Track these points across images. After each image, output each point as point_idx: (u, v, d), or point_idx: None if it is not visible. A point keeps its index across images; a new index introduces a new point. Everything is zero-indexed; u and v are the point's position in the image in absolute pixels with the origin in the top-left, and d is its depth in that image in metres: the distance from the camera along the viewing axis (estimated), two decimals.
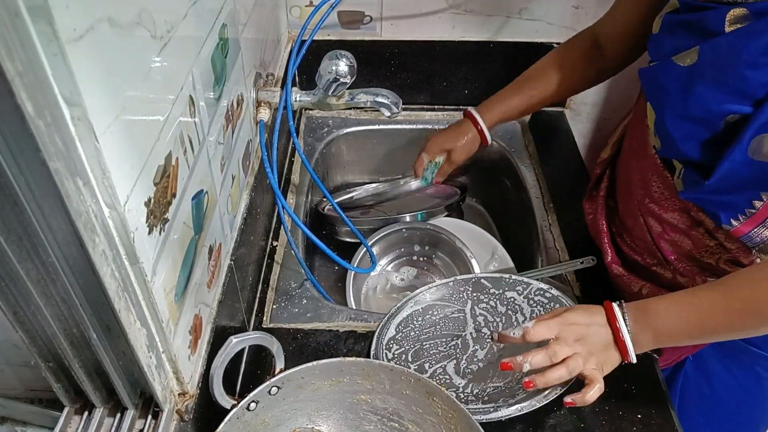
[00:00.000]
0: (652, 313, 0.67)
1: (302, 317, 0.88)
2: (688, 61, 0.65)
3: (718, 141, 0.65)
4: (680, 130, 0.68)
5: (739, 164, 0.63)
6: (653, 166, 0.77)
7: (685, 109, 0.67)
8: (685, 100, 0.66)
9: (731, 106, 0.63)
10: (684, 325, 0.65)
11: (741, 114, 0.62)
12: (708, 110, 0.65)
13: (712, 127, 0.65)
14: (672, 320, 0.66)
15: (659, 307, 0.67)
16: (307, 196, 1.12)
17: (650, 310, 0.67)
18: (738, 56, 0.60)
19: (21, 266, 0.42)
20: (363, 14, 1.17)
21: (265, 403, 0.65)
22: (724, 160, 0.64)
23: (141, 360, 0.50)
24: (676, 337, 0.67)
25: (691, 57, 0.65)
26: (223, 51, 0.68)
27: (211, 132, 0.65)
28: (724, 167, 0.64)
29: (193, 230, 0.59)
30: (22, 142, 0.34)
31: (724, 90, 0.63)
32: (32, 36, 0.31)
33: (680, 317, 0.65)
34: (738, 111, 0.62)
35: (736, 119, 0.63)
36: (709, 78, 0.64)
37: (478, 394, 0.74)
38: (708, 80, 0.64)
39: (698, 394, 0.86)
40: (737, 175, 0.64)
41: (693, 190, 0.69)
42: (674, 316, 0.66)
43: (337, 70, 0.86)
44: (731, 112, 0.63)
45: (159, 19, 0.48)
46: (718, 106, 0.63)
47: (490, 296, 0.86)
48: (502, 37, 1.20)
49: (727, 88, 0.62)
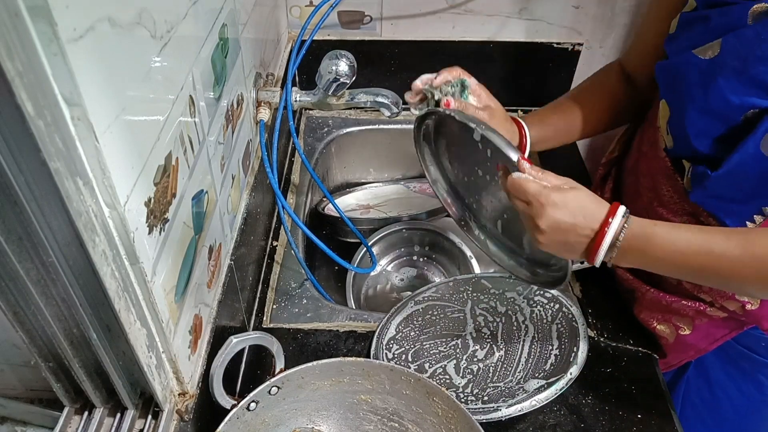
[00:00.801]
0: (651, 243, 0.61)
1: (302, 317, 0.88)
2: (710, 53, 0.64)
3: (733, 136, 0.64)
4: (697, 125, 0.67)
5: (750, 157, 0.62)
6: (663, 169, 0.76)
7: (705, 103, 0.65)
8: (705, 94, 0.65)
9: (752, 100, 0.61)
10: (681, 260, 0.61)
11: (761, 108, 0.61)
12: (727, 103, 0.63)
13: (729, 122, 0.64)
14: (670, 256, 0.61)
15: (663, 238, 0.61)
16: (307, 196, 1.12)
17: (654, 237, 0.61)
18: (762, 46, 0.59)
19: (21, 266, 0.42)
20: (363, 14, 1.17)
21: (265, 403, 0.65)
22: (736, 152, 0.62)
23: (141, 360, 0.50)
24: (662, 269, 0.63)
25: (713, 49, 0.64)
26: (223, 51, 0.68)
27: (211, 132, 0.65)
28: (734, 159, 0.63)
29: (193, 230, 0.59)
30: (22, 142, 0.34)
31: (746, 83, 0.61)
32: (32, 36, 0.31)
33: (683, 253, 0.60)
34: (759, 105, 0.61)
35: (755, 114, 0.62)
36: (730, 70, 0.62)
37: (478, 394, 0.74)
38: (729, 72, 0.62)
39: (700, 401, 0.86)
40: (745, 172, 0.63)
41: (701, 186, 0.68)
42: (677, 253, 0.60)
43: (337, 70, 0.86)
44: (752, 106, 0.61)
45: (159, 19, 0.48)
46: (738, 100, 0.62)
47: (490, 296, 0.86)
48: (502, 37, 1.20)
49: (749, 80, 0.61)
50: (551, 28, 1.18)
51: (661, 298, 0.79)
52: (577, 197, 0.62)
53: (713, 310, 0.76)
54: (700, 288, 0.75)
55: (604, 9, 1.15)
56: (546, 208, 0.61)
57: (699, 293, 0.76)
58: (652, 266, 0.64)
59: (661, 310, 0.81)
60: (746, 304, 0.72)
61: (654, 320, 0.83)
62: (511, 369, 0.77)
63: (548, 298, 0.82)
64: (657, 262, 0.62)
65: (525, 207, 0.63)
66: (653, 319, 0.83)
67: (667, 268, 0.63)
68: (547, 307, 0.82)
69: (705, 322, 0.77)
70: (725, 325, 0.77)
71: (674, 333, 0.81)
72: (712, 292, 0.74)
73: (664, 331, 0.82)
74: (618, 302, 0.89)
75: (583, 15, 1.16)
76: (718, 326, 0.77)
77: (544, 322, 0.80)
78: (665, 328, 0.82)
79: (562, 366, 0.73)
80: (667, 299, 0.79)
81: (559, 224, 0.61)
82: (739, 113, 0.63)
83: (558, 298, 0.81)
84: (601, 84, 0.89)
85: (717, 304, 0.75)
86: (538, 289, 0.84)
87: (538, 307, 0.82)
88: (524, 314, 0.82)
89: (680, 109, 0.69)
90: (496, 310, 0.84)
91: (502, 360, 0.78)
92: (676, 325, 0.80)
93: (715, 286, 0.71)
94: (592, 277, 0.93)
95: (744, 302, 0.72)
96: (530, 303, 0.83)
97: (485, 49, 1.21)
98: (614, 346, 0.84)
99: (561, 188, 0.62)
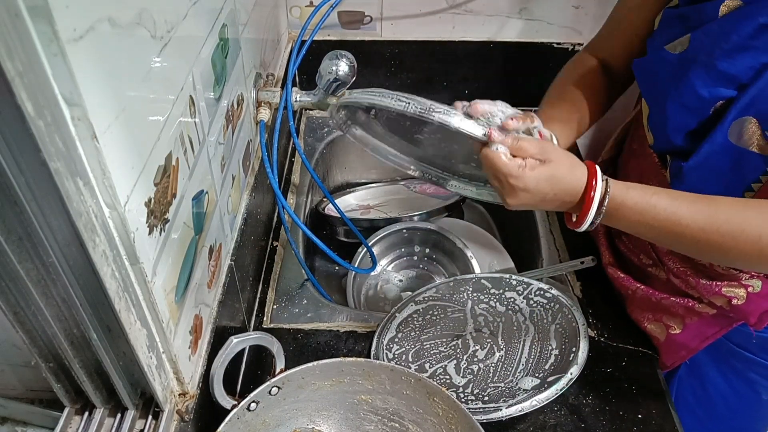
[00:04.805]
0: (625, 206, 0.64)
1: (302, 317, 0.88)
2: (680, 48, 0.65)
3: (704, 129, 0.65)
4: (673, 120, 0.68)
5: (719, 147, 0.63)
6: (651, 165, 0.77)
7: (678, 98, 0.66)
8: (677, 89, 0.66)
9: (719, 91, 0.62)
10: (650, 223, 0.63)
11: (727, 98, 0.62)
12: (698, 97, 0.64)
13: (701, 115, 0.65)
14: (641, 217, 0.63)
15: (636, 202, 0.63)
16: (307, 196, 1.12)
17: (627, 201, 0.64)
18: (728, 39, 0.60)
19: (21, 266, 0.42)
20: (363, 14, 1.17)
21: (265, 403, 0.65)
22: (705, 142, 0.64)
23: (141, 360, 0.50)
24: (636, 231, 0.66)
25: (682, 44, 0.65)
26: (224, 51, 0.68)
27: (211, 132, 0.65)
28: (704, 149, 0.64)
29: (193, 230, 0.59)
30: (22, 142, 0.34)
31: (713, 75, 0.62)
32: (32, 36, 0.31)
33: (653, 215, 0.63)
34: (725, 95, 0.62)
35: (723, 105, 0.63)
36: (699, 64, 0.63)
37: (478, 394, 0.74)
38: (698, 66, 0.64)
39: (693, 399, 0.86)
40: (717, 162, 0.64)
41: (678, 179, 0.69)
42: (647, 214, 0.63)
43: (337, 70, 0.86)
44: (719, 98, 0.63)
45: (159, 19, 0.48)
46: (708, 93, 0.63)
47: (490, 296, 0.86)
48: (502, 37, 1.20)
49: (716, 73, 0.62)
50: (551, 28, 1.18)
51: (651, 296, 0.80)
52: (551, 173, 0.64)
53: (702, 306, 0.76)
54: (688, 284, 0.76)
55: (604, 9, 1.15)
56: (517, 191, 0.64)
57: (687, 289, 0.76)
58: (626, 228, 0.67)
59: (652, 308, 0.82)
60: (732, 299, 0.72)
61: (645, 320, 0.83)
62: (511, 369, 0.77)
63: (548, 298, 0.82)
64: (630, 225, 0.66)
65: (496, 181, 0.65)
66: (644, 318, 0.83)
67: (640, 231, 0.66)
68: (547, 307, 0.82)
69: (695, 320, 0.78)
70: (715, 323, 0.77)
71: (665, 332, 0.81)
72: (698, 287, 0.74)
73: (655, 331, 0.82)
74: (618, 302, 0.89)
75: (583, 15, 1.16)
76: (709, 324, 0.77)
77: (544, 322, 0.80)
78: (656, 328, 0.82)
79: (562, 366, 0.73)
80: (656, 296, 0.79)
81: (527, 203, 0.65)
82: (709, 106, 0.64)
83: (558, 298, 0.81)
84: (582, 82, 0.85)
85: (705, 300, 0.75)
86: (539, 289, 0.84)
87: (538, 307, 0.82)
88: (524, 314, 0.82)
89: (657, 105, 0.70)
90: (496, 310, 0.84)
91: (502, 360, 0.78)
92: (667, 324, 0.80)
93: (685, 253, 0.72)
94: (592, 277, 0.93)
95: (730, 297, 0.72)
96: (530, 303, 0.83)
97: (485, 49, 1.21)
98: (614, 346, 0.84)
99: (533, 167, 0.63)
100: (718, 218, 0.61)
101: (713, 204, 0.62)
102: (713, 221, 0.61)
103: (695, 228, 0.62)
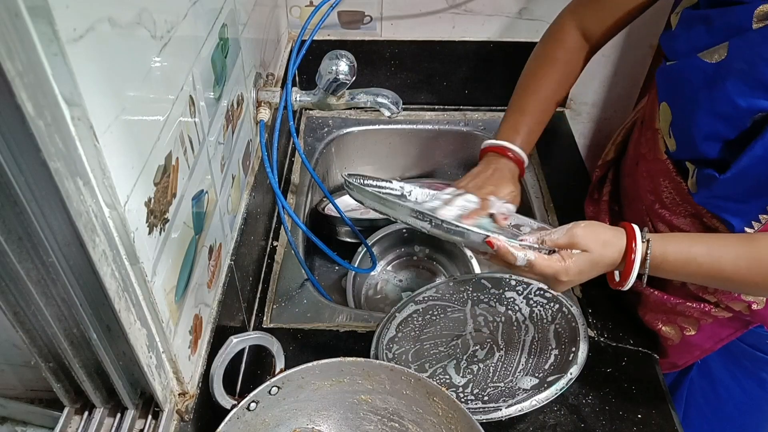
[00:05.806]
0: (666, 262, 0.65)
1: (302, 317, 0.88)
2: (717, 57, 0.64)
3: (741, 139, 0.64)
4: (703, 129, 0.67)
5: (758, 159, 0.62)
6: (664, 171, 0.76)
7: (711, 107, 0.65)
8: (711, 98, 0.65)
9: (759, 102, 0.61)
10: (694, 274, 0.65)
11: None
12: (735, 107, 0.63)
13: (737, 125, 0.64)
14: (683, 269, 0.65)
15: (676, 258, 0.65)
16: (307, 196, 1.12)
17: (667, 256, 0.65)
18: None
19: (21, 266, 0.42)
20: (363, 14, 1.17)
21: (265, 403, 0.65)
22: (744, 154, 0.63)
23: (141, 360, 0.50)
24: (680, 279, 0.69)
25: (719, 53, 0.63)
26: (223, 51, 0.68)
27: (211, 132, 0.65)
28: (743, 161, 0.63)
29: (193, 230, 0.59)
30: (22, 142, 0.34)
31: (753, 85, 0.61)
32: (32, 36, 0.31)
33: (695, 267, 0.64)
34: (766, 108, 0.61)
35: (763, 117, 0.62)
36: (738, 74, 0.62)
37: (477, 394, 0.74)
38: (737, 76, 0.62)
39: (703, 401, 0.86)
40: (754, 174, 0.63)
41: (707, 188, 0.68)
42: (689, 267, 0.64)
43: (337, 70, 0.86)
44: (760, 109, 0.62)
45: (159, 19, 0.48)
46: (746, 103, 0.62)
47: (490, 296, 0.86)
48: (502, 37, 1.20)
49: (757, 83, 0.61)
50: None
51: (666, 300, 0.79)
52: (589, 258, 0.65)
53: (718, 310, 0.76)
54: (705, 289, 0.75)
55: None
56: (565, 284, 0.66)
57: (704, 295, 0.76)
58: (671, 278, 0.69)
59: (666, 311, 0.81)
60: (752, 304, 0.72)
61: (659, 322, 0.82)
62: (511, 369, 0.77)
63: (548, 298, 0.82)
64: (675, 276, 0.68)
65: (541, 279, 0.67)
66: (658, 320, 0.83)
67: (686, 279, 0.69)
68: (546, 307, 0.81)
69: (710, 322, 0.77)
70: (730, 325, 0.77)
71: (680, 334, 0.81)
72: (717, 293, 0.74)
73: (670, 332, 0.82)
74: (618, 302, 0.89)
75: None
76: (724, 326, 0.77)
77: (543, 322, 0.80)
78: (670, 330, 0.82)
79: (562, 366, 0.73)
80: (671, 301, 0.79)
81: (577, 283, 0.67)
82: (747, 116, 0.63)
83: (558, 298, 0.81)
84: (559, 58, 0.86)
85: (722, 305, 0.75)
86: (538, 289, 0.84)
87: (538, 307, 0.82)
88: (524, 314, 0.82)
89: (685, 112, 0.69)
90: (496, 309, 0.84)
91: (502, 360, 0.78)
92: (682, 326, 0.80)
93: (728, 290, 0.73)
94: (592, 278, 0.93)
95: (750, 302, 0.72)
96: (530, 303, 0.83)
97: (485, 49, 1.21)
98: (614, 346, 0.84)
99: (570, 255, 0.65)
100: (760, 258, 0.62)
101: (752, 244, 0.63)
102: (756, 263, 0.62)
103: (740, 273, 0.63)
